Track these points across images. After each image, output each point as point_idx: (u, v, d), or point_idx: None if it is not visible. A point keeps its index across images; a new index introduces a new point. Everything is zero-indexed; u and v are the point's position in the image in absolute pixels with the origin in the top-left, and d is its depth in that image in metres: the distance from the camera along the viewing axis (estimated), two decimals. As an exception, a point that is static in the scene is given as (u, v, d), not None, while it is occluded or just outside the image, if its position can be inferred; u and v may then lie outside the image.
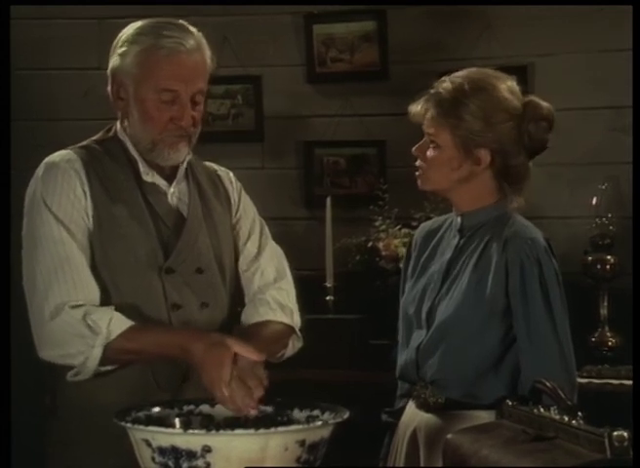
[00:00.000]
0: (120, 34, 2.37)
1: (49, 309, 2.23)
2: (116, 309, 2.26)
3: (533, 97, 2.45)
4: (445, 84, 2.44)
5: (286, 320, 2.40)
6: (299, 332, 2.44)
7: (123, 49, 2.34)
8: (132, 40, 2.34)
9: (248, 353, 2.08)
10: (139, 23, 2.37)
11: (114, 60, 2.35)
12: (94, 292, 2.27)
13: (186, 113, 2.32)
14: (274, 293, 2.43)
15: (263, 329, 2.37)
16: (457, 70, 2.51)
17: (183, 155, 2.36)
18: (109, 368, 2.25)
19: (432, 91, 2.45)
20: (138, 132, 2.34)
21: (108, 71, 2.37)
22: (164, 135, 2.32)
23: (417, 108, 2.46)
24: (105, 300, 2.28)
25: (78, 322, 2.21)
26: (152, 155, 2.35)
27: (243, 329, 2.39)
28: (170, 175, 2.40)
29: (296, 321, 2.43)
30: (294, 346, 2.43)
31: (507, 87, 2.43)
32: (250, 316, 2.41)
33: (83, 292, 2.25)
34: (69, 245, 2.27)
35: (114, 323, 2.21)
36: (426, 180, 2.48)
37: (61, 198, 2.29)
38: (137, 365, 2.27)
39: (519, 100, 2.43)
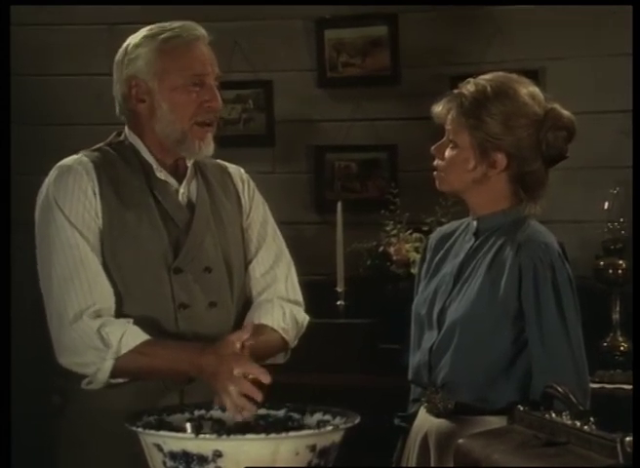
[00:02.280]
0: (125, 45, 2.41)
1: (67, 316, 2.26)
2: (126, 310, 2.29)
3: (555, 106, 2.45)
4: (469, 85, 2.45)
5: (287, 337, 2.43)
6: (289, 352, 2.47)
7: (135, 54, 2.37)
8: (142, 43, 2.38)
9: (252, 370, 2.11)
10: (142, 31, 2.41)
11: (128, 67, 2.37)
12: (109, 295, 2.29)
13: (216, 94, 2.37)
14: (290, 307, 2.45)
15: (267, 334, 2.37)
16: (468, 75, 2.51)
17: (211, 148, 2.39)
18: (121, 380, 2.28)
19: (456, 91, 2.46)
20: (167, 124, 2.36)
21: (123, 79, 2.38)
22: (193, 122, 2.35)
23: (439, 108, 2.47)
24: (117, 302, 2.30)
25: (93, 333, 2.24)
26: (182, 147, 2.37)
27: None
28: (180, 175, 2.42)
29: (293, 341, 2.46)
30: (274, 360, 2.43)
31: (529, 92, 2.43)
32: (259, 317, 2.41)
33: (99, 296, 2.27)
34: (83, 248, 2.29)
35: (126, 338, 2.24)
36: (443, 181, 2.48)
37: (73, 200, 2.31)
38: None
39: (540, 107, 2.43)
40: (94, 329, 2.24)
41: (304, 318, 2.49)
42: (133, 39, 2.40)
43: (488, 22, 4.14)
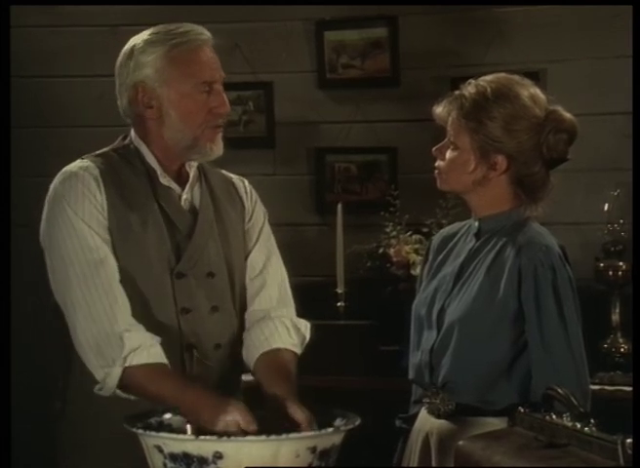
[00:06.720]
0: (129, 47, 2.37)
1: (91, 317, 2.22)
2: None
3: (557, 108, 2.45)
4: (469, 87, 2.45)
5: (297, 351, 2.41)
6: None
7: (142, 59, 2.34)
8: (149, 49, 2.35)
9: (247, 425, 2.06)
10: (145, 33, 2.38)
11: (135, 73, 2.35)
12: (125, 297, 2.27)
13: (224, 100, 2.38)
14: (290, 318, 2.43)
15: (285, 366, 2.33)
16: (468, 77, 2.51)
17: (221, 148, 2.39)
18: (132, 397, 2.23)
19: (457, 93, 2.46)
20: (177, 132, 2.35)
21: (129, 84, 2.35)
22: (204, 127, 2.35)
23: (440, 109, 2.47)
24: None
25: (114, 335, 2.20)
26: (193, 151, 2.37)
27: (264, 363, 2.34)
28: (183, 181, 2.42)
29: (300, 345, 2.43)
30: None
31: (530, 94, 2.43)
32: (269, 343, 2.38)
33: (120, 295, 2.24)
34: (102, 249, 2.27)
35: (141, 351, 2.19)
36: (443, 181, 2.49)
37: (85, 202, 2.30)
38: None
39: (541, 110, 2.43)
40: (116, 332, 2.19)
41: (306, 325, 2.46)
42: (137, 42, 2.36)
43: (488, 24, 4.14)
